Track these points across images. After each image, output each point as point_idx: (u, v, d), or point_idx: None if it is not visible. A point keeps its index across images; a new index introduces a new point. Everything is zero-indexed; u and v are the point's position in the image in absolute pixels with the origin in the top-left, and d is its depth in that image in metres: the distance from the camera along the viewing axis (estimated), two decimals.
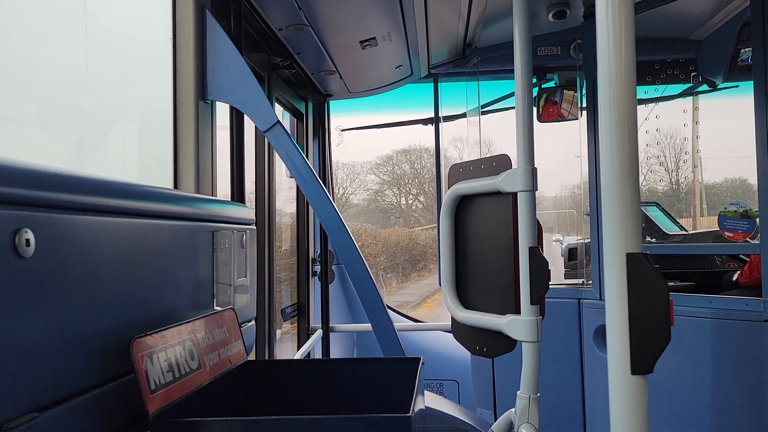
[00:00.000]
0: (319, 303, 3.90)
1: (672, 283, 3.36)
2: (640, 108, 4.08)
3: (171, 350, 1.19)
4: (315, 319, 3.96)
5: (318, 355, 3.80)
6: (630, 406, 0.77)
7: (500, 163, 1.81)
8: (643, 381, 0.78)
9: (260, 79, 2.92)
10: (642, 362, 0.77)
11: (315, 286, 4.00)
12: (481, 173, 1.89)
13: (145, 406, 1.05)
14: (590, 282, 3.13)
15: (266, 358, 2.89)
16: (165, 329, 1.20)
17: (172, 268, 1.37)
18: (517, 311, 1.72)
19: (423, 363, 1.50)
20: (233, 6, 2.21)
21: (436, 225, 4.05)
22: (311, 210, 3.95)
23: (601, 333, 2.99)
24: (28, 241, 0.86)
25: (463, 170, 1.97)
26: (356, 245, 2.12)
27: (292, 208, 3.99)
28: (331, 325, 3.87)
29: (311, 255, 3.97)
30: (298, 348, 3.77)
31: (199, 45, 2.02)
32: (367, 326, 4.12)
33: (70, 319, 0.98)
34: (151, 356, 1.11)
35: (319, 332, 3.80)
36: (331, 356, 3.85)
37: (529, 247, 1.67)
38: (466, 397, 3.87)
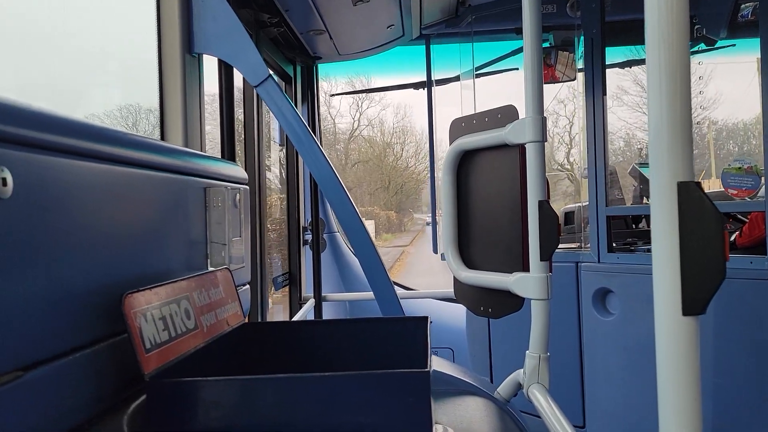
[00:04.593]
0: (311, 272, 3.82)
1: None
2: (637, 69, 3.99)
3: (165, 308, 1.11)
4: (306, 289, 3.88)
5: None
6: (681, 351, 0.70)
7: (506, 115, 1.72)
8: (695, 322, 0.71)
9: None
10: (695, 302, 0.69)
11: (306, 255, 3.92)
12: (486, 126, 1.80)
13: (140, 366, 0.96)
14: (588, 245, 3.08)
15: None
16: (159, 285, 1.11)
17: (163, 222, 1.27)
18: (525, 269, 1.65)
19: (431, 322, 1.43)
20: None
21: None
22: (302, 177, 3.85)
23: (600, 296, 2.94)
24: (4, 180, 0.77)
25: (465, 124, 1.88)
26: (354, 205, 2.04)
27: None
28: (323, 294, 3.80)
29: (302, 223, 3.88)
30: (290, 317, 3.70)
31: None
32: (360, 295, 4.07)
33: (55, 270, 0.89)
34: (144, 314, 1.03)
35: (311, 301, 3.73)
36: None
37: (539, 201, 1.59)
38: (461, 364, 3.83)
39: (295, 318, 3.48)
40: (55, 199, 0.89)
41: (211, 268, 1.53)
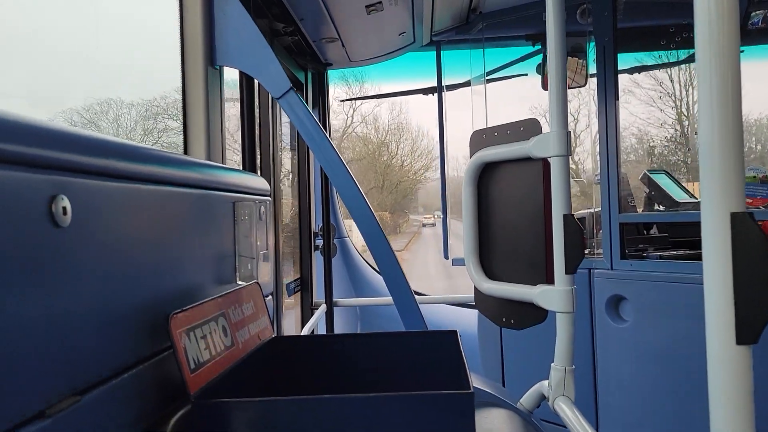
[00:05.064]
0: (322, 277, 3.83)
1: (682, 252, 3.33)
2: (658, 73, 4.00)
3: (206, 327, 1.12)
4: (317, 294, 3.90)
5: (322, 330, 3.75)
6: (734, 378, 0.72)
7: (529, 128, 1.73)
8: (748, 351, 0.73)
9: None
10: (748, 331, 0.71)
11: (317, 261, 3.93)
12: (507, 139, 1.81)
13: (186, 386, 0.98)
14: (600, 251, 3.09)
15: (274, 333, 2.83)
16: (199, 304, 1.12)
17: (199, 239, 1.29)
18: (549, 281, 1.66)
19: (460, 336, 1.44)
20: None
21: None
22: (313, 182, 3.86)
23: (613, 303, 2.96)
24: (64, 209, 0.78)
25: (486, 136, 1.89)
26: (374, 214, 2.05)
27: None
28: (334, 299, 3.81)
29: (313, 229, 3.89)
30: (302, 323, 3.71)
31: (207, 7, 1.92)
32: (371, 300, 4.08)
33: (106, 292, 0.90)
34: (188, 333, 1.04)
35: (323, 307, 3.74)
36: (335, 332, 3.80)
37: (564, 215, 1.60)
38: (471, 370, 3.84)
39: (308, 324, 3.49)
40: (105, 224, 0.91)
41: (240, 282, 1.54)
